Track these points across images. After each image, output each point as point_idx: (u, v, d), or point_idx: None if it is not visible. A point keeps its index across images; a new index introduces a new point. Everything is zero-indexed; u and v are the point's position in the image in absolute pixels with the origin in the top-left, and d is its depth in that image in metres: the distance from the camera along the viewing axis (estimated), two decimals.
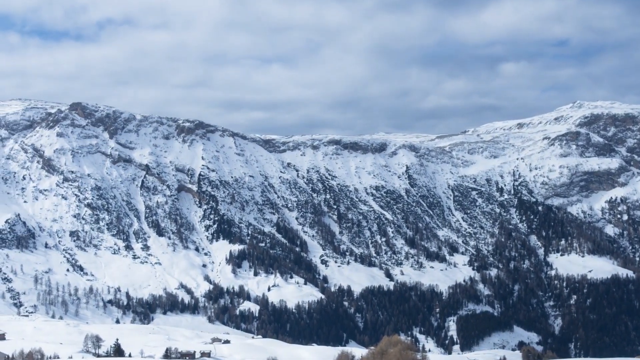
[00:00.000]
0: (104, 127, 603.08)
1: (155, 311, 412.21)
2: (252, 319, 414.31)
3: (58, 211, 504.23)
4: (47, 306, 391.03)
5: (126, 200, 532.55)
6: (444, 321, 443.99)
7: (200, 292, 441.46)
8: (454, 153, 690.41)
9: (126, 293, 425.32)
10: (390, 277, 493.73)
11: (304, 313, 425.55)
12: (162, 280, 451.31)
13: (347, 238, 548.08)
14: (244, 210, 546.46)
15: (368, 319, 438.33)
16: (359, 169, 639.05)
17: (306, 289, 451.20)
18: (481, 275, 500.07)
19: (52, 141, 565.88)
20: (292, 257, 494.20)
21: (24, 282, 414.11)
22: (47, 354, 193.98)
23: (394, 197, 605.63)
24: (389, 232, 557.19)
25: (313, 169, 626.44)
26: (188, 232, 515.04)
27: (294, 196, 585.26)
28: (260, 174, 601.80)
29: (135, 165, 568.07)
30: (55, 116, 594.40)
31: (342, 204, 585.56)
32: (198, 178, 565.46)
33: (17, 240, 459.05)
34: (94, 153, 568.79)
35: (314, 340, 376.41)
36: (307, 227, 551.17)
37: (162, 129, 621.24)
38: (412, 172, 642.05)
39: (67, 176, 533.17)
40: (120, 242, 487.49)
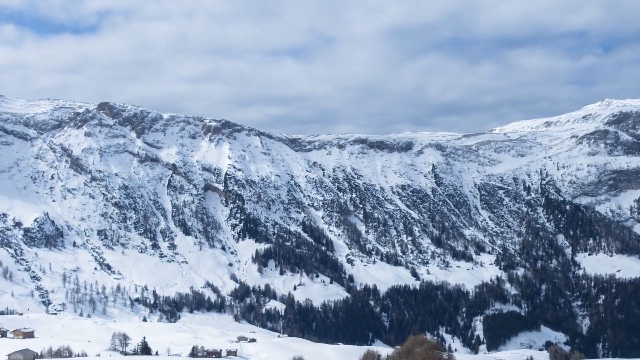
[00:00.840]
0: (132, 127, 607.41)
1: (181, 310, 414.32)
2: (278, 318, 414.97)
3: (86, 210, 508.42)
4: (75, 304, 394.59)
5: (153, 199, 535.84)
6: (470, 321, 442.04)
7: (227, 290, 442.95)
8: (480, 152, 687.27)
9: (153, 291, 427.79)
10: (416, 276, 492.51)
11: (329, 312, 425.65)
12: (188, 278, 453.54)
13: (373, 237, 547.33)
14: (270, 209, 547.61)
15: (394, 318, 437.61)
16: (385, 168, 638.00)
17: (332, 288, 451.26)
18: (508, 275, 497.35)
19: (80, 141, 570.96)
20: (318, 256, 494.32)
21: (53, 281, 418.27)
22: (75, 352, 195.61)
23: (420, 196, 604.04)
24: (415, 231, 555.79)
25: (339, 168, 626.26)
26: (214, 231, 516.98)
27: (320, 195, 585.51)
28: (286, 173, 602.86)
29: (162, 164, 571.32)
30: (83, 116, 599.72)
31: (368, 203, 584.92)
32: (224, 177, 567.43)
33: (45, 239, 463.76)
34: (122, 152, 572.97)
35: (340, 339, 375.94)
36: (333, 226, 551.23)
37: (188, 128, 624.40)
38: (438, 170, 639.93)
39: (95, 175, 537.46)
40: (147, 241, 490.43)
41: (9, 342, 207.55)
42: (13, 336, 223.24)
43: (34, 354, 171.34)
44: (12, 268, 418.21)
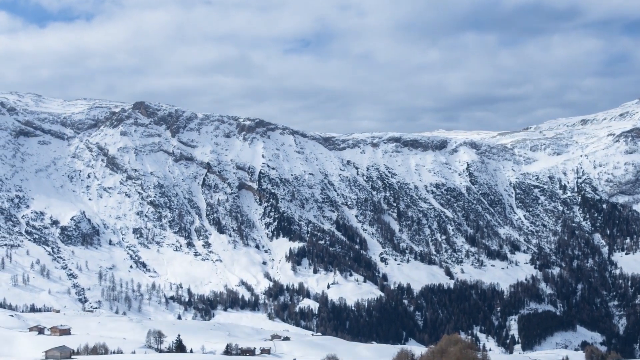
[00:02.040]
0: (167, 126, 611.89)
1: (216, 308, 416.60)
2: (311, 317, 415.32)
3: (122, 209, 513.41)
4: (111, 302, 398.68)
5: (188, 198, 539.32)
6: (505, 320, 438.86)
7: (261, 289, 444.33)
8: (515, 150, 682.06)
9: (188, 290, 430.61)
10: (450, 275, 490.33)
11: (363, 311, 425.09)
12: (222, 277, 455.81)
13: (407, 236, 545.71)
14: (304, 208, 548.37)
15: (428, 317, 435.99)
16: (419, 167, 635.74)
17: (366, 287, 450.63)
18: (543, 274, 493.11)
19: (116, 140, 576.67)
20: (352, 255, 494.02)
21: (89, 278, 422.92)
22: (110, 349, 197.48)
23: (455, 194, 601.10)
24: (449, 230, 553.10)
25: (373, 167, 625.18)
26: (248, 229, 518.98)
27: (354, 194, 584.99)
28: (320, 172, 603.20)
29: (196, 163, 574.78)
30: (119, 115, 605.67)
31: (402, 201, 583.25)
32: (258, 176, 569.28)
33: (82, 237, 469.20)
34: (157, 151, 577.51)
35: (374, 338, 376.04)
36: (367, 225, 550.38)
37: (223, 127, 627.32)
38: (473, 169, 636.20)
39: (131, 174, 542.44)
40: (182, 240, 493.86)
41: (46, 339, 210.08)
42: (50, 333, 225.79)
43: (70, 351, 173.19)
44: (50, 266, 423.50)
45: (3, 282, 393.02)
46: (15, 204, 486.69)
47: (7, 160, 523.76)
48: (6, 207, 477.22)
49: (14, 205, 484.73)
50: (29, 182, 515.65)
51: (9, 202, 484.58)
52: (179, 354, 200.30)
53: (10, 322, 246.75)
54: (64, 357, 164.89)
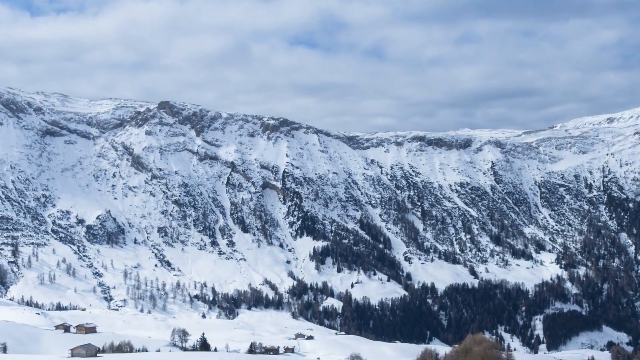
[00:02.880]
0: (191, 125, 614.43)
1: (240, 306, 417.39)
2: (335, 315, 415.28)
3: (146, 208, 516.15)
4: (136, 300, 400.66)
5: (212, 197, 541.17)
6: (529, 320, 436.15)
7: (284, 288, 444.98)
8: (541, 149, 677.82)
9: (212, 288, 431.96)
10: (474, 274, 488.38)
11: (387, 310, 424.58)
12: (246, 276, 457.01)
13: (431, 235, 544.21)
14: (328, 207, 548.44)
15: (452, 317, 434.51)
16: (444, 166, 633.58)
17: (389, 286, 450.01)
18: (569, 274, 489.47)
19: (141, 139, 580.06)
20: (376, 254, 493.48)
21: (114, 277, 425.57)
22: (135, 347, 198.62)
23: (479, 193, 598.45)
24: (474, 229, 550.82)
25: (397, 166, 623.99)
26: (272, 228, 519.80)
27: (378, 193, 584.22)
28: (343, 171, 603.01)
29: (221, 162, 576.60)
30: (144, 115, 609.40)
31: (426, 200, 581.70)
32: (282, 175, 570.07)
33: (107, 236, 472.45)
34: (181, 151, 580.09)
35: (397, 337, 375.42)
36: (391, 224, 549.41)
37: (247, 126, 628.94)
38: (497, 168, 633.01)
39: (156, 173, 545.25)
40: (207, 238, 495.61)
41: (72, 337, 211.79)
42: (76, 331, 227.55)
43: (96, 349, 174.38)
44: (75, 264, 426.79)
45: (30, 280, 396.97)
46: (42, 203, 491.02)
47: (34, 159, 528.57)
48: (33, 206, 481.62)
49: (41, 204, 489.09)
50: (55, 181, 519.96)
51: (36, 201, 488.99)
52: (204, 352, 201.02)
53: (37, 320, 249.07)
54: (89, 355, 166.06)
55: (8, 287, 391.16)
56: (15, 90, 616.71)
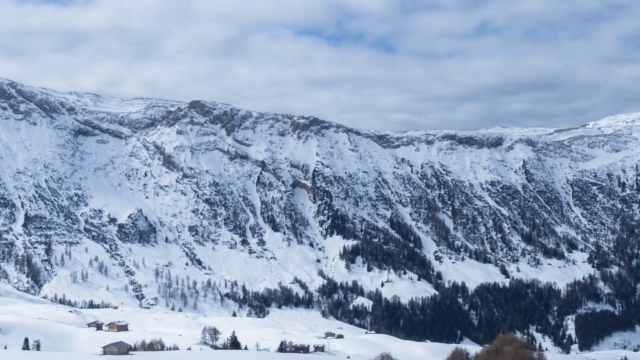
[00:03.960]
0: (222, 125, 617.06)
1: (270, 305, 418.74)
2: (365, 314, 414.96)
3: (178, 207, 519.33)
4: (167, 299, 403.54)
5: (242, 196, 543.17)
6: (561, 320, 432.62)
7: (314, 286, 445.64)
8: (573, 147, 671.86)
9: (242, 287, 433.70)
10: (505, 273, 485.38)
11: (417, 309, 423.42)
12: (277, 274, 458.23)
13: (462, 234, 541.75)
14: (358, 206, 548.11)
15: (483, 316, 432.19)
16: (474, 164, 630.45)
17: (420, 285, 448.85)
18: (601, 273, 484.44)
19: (172, 138, 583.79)
20: (406, 253, 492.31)
21: (146, 275, 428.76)
22: (167, 345, 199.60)
23: (510, 192, 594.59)
24: (505, 228, 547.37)
25: (427, 164, 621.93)
26: (302, 227, 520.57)
27: (408, 192, 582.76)
28: (374, 170, 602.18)
29: (251, 161, 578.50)
30: (175, 114, 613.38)
31: (457, 199, 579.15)
32: (313, 174, 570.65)
33: (139, 235, 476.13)
34: (212, 150, 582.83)
35: (428, 336, 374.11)
36: (421, 223, 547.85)
37: (277, 125, 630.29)
38: (529, 166, 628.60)
39: (187, 172, 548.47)
40: (237, 237, 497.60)
41: (104, 335, 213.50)
42: (108, 329, 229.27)
43: (127, 347, 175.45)
44: (107, 263, 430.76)
45: (62, 278, 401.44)
46: (75, 202, 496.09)
47: (67, 159, 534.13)
48: (65, 205, 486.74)
49: (73, 203, 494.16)
50: (87, 180, 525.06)
51: (69, 200, 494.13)
52: (234, 350, 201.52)
53: (70, 318, 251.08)
54: (121, 353, 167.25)
55: (41, 285, 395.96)
56: (48, 90, 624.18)
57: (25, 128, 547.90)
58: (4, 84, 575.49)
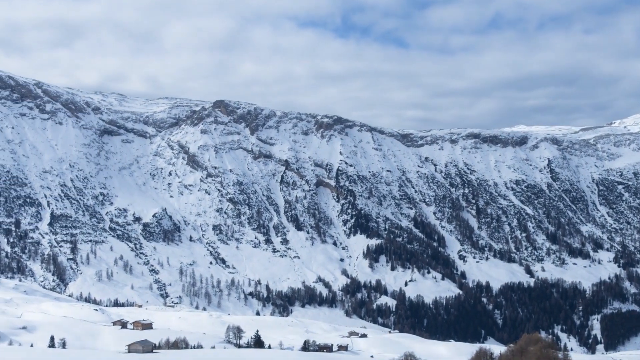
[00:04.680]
0: (246, 124, 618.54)
1: (293, 304, 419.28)
2: (389, 314, 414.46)
3: (202, 206, 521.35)
4: (191, 297, 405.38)
5: (266, 195, 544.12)
6: (587, 320, 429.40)
7: (338, 285, 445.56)
8: (599, 146, 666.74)
9: (266, 286, 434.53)
10: (530, 273, 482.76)
11: (441, 308, 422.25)
12: (300, 273, 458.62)
13: (486, 233, 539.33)
14: (382, 205, 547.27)
15: (507, 316, 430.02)
16: (499, 163, 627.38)
17: (444, 285, 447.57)
18: (627, 273, 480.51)
19: (196, 138, 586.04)
20: (430, 252, 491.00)
21: (170, 274, 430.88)
22: (191, 344, 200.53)
23: (535, 191, 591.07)
24: (530, 227, 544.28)
25: (451, 163, 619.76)
26: (326, 226, 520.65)
27: (432, 191, 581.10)
28: (397, 169, 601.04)
29: (275, 160, 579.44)
30: (199, 114, 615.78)
31: (481, 198, 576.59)
32: (336, 173, 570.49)
33: (163, 234, 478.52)
34: (236, 149, 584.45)
35: (452, 336, 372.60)
36: (445, 222, 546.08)
37: (301, 124, 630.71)
38: (554, 165, 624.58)
39: (211, 172, 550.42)
40: (261, 236, 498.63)
41: (129, 333, 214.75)
42: (133, 327, 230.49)
43: (152, 345, 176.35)
44: (132, 261, 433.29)
45: (88, 277, 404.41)
46: (100, 201, 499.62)
47: (92, 158, 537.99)
48: (91, 204, 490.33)
49: (99, 202, 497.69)
50: (112, 179, 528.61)
51: (94, 199, 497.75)
52: (258, 349, 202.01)
53: (95, 316, 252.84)
54: (146, 351, 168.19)
55: (67, 283, 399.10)
56: (74, 90, 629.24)
57: (51, 128, 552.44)
58: (30, 84, 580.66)
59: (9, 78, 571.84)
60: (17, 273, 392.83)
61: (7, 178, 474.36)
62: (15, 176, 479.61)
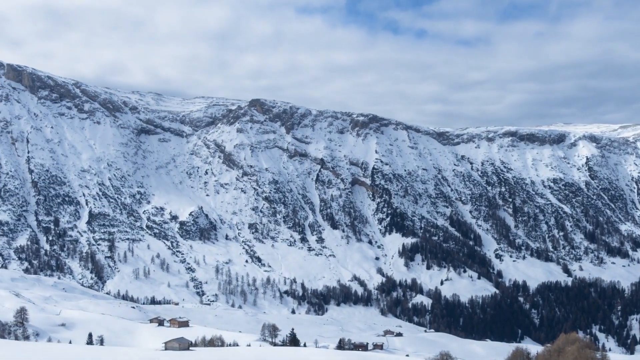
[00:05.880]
0: (281, 123, 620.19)
1: (329, 302, 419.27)
2: (424, 313, 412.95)
3: (238, 204, 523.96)
4: (227, 295, 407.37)
5: (302, 193, 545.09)
6: (625, 319, 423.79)
7: (373, 284, 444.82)
8: (638, 144, 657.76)
9: (301, 284, 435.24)
10: (568, 272, 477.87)
11: (477, 308, 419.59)
12: (336, 272, 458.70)
13: (523, 232, 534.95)
14: (417, 204, 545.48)
15: (544, 316, 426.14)
16: (536, 161, 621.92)
17: (480, 284, 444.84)
18: None
19: (232, 137, 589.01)
20: (466, 251, 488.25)
21: (206, 272, 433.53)
22: (227, 342, 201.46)
23: (573, 190, 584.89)
24: (567, 226, 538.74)
25: (488, 162, 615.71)
26: (361, 225, 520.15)
27: (468, 189, 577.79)
28: (433, 167, 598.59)
29: (310, 159, 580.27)
30: (235, 113, 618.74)
31: (518, 197, 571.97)
32: (372, 171, 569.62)
33: (199, 232, 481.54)
34: (272, 148, 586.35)
35: (488, 335, 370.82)
36: (481, 221, 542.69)
37: (336, 123, 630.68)
38: (592, 163, 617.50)
39: (246, 170, 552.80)
40: (296, 235, 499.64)
41: (165, 331, 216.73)
42: (169, 325, 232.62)
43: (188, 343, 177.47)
44: (169, 260, 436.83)
45: (125, 275, 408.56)
46: (137, 199, 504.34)
47: (130, 157, 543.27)
48: (128, 202, 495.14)
49: (136, 201, 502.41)
50: (149, 178, 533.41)
51: (131, 198, 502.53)
52: (293, 347, 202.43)
53: (132, 313, 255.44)
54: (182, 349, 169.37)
55: (105, 281, 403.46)
56: (112, 90, 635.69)
57: (89, 127, 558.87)
58: (69, 84, 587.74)
59: (48, 78, 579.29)
60: (56, 271, 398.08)
61: (47, 177, 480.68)
62: (54, 175, 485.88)
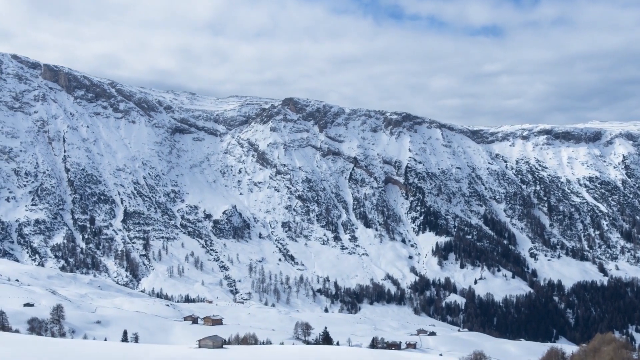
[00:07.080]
0: (314, 121, 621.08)
1: (362, 301, 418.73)
2: (458, 312, 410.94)
3: (271, 203, 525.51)
4: (260, 294, 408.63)
5: (335, 192, 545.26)
6: None
7: (406, 283, 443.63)
8: None
9: (334, 283, 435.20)
10: (604, 271, 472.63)
11: (511, 307, 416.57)
12: (369, 270, 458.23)
13: (558, 231, 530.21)
14: (451, 202, 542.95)
15: (579, 315, 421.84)
16: (572, 160, 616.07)
17: (514, 283, 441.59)
18: None
19: (265, 135, 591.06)
20: (500, 250, 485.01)
21: (240, 270, 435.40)
22: (260, 340, 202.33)
23: (609, 188, 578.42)
24: (603, 225, 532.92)
25: (522, 160, 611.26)
26: (394, 223, 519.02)
27: (502, 188, 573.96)
28: (467, 166, 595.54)
29: (343, 158, 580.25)
30: (268, 111, 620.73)
31: (553, 195, 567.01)
32: (405, 170, 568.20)
33: (233, 231, 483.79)
34: (305, 146, 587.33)
35: (522, 335, 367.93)
36: (516, 220, 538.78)
37: (370, 122, 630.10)
38: (629, 162, 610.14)
39: (280, 169, 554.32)
40: (329, 233, 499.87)
41: (199, 329, 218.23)
42: (203, 323, 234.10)
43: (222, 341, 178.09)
44: (203, 258, 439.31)
45: (160, 273, 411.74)
46: (171, 198, 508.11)
47: (164, 156, 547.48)
48: (163, 201, 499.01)
49: (170, 199, 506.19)
50: (183, 177, 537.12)
51: (166, 196, 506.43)
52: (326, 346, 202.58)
53: (167, 311, 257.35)
54: (216, 347, 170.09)
55: (140, 279, 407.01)
56: (146, 89, 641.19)
57: (124, 126, 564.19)
58: (105, 84, 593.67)
59: (83, 78, 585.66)
60: (91, 269, 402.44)
61: (83, 176, 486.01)
62: (90, 174, 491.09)
